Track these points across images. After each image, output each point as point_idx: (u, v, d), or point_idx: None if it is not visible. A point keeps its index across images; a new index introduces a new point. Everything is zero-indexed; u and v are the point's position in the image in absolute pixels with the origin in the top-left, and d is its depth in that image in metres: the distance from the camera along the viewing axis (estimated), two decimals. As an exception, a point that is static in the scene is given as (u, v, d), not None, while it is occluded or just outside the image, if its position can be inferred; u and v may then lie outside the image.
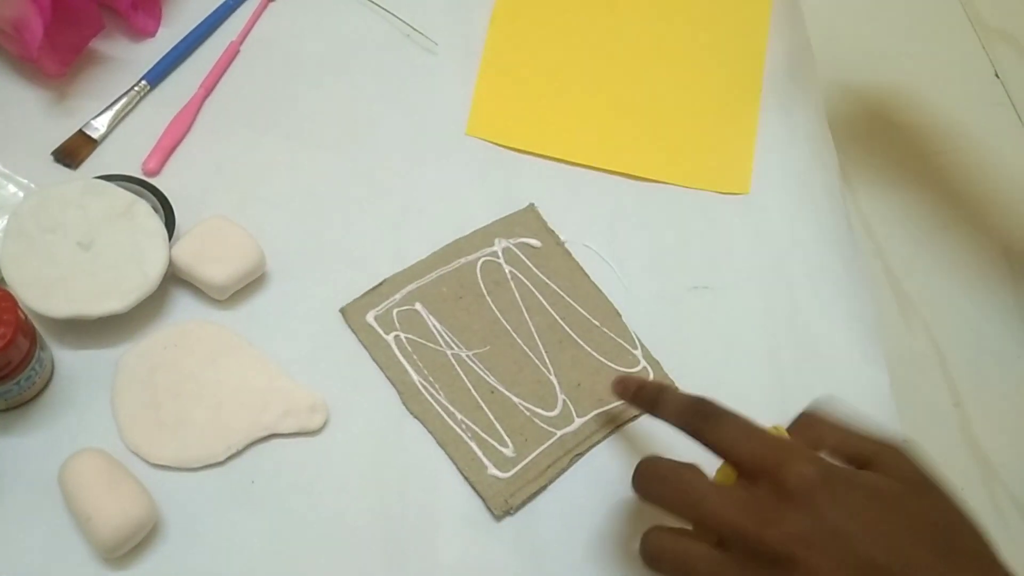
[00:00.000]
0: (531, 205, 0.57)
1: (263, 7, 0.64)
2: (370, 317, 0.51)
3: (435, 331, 0.51)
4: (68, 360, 0.49)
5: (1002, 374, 0.56)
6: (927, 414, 0.54)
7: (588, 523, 0.47)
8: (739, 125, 0.61)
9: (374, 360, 0.50)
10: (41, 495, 0.44)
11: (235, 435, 0.47)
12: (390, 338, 0.51)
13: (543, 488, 0.48)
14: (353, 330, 0.51)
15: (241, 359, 0.49)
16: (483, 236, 0.55)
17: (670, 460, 0.41)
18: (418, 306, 0.52)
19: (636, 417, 0.50)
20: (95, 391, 0.48)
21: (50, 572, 0.43)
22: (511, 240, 0.55)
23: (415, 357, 0.51)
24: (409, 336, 0.51)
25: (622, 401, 0.48)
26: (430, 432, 0.49)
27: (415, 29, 0.64)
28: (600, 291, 0.54)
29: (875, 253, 0.73)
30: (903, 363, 0.55)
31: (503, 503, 0.47)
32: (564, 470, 0.48)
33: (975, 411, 0.54)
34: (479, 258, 0.54)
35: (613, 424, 0.50)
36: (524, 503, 0.47)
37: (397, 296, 0.52)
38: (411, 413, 0.49)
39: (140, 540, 0.43)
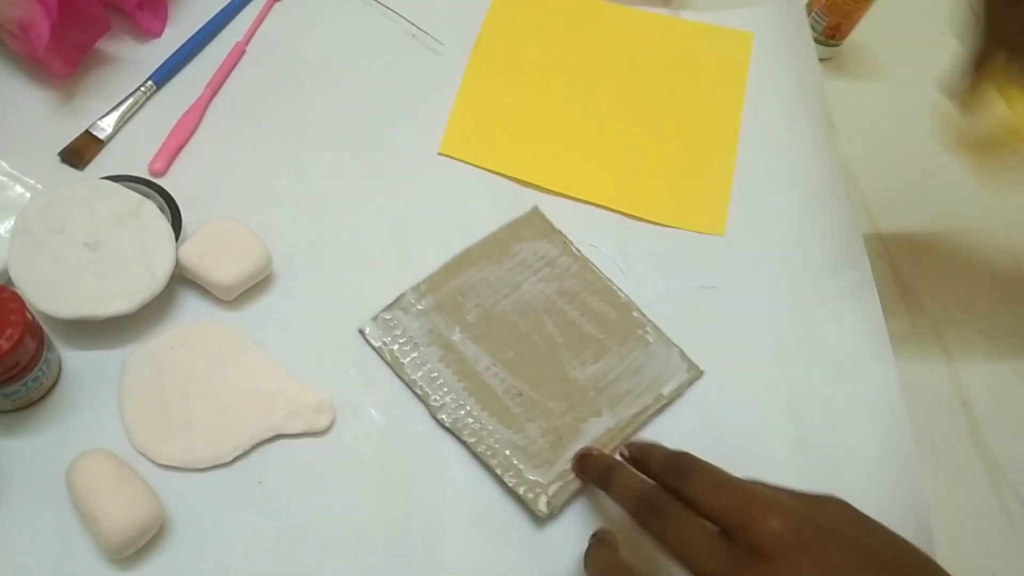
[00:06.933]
0: (535, 208, 0.57)
1: (269, 7, 0.64)
2: (389, 338, 0.51)
3: (458, 342, 0.51)
4: (75, 361, 0.49)
5: (1010, 374, 0.55)
6: (935, 414, 0.53)
7: (597, 522, 0.47)
8: (716, 165, 0.60)
9: (399, 377, 0.50)
10: (48, 495, 0.44)
11: (242, 436, 0.47)
12: (414, 355, 0.51)
13: (584, 485, 0.47)
14: (376, 351, 0.51)
15: (247, 360, 0.49)
16: (492, 243, 0.55)
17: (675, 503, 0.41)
18: (438, 320, 0.52)
19: (665, 408, 0.50)
20: (102, 392, 0.48)
21: (57, 573, 0.43)
22: (520, 244, 0.55)
23: (441, 369, 0.50)
24: (431, 350, 0.51)
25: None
26: (464, 444, 0.48)
27: (421, 29, 0.64)
28: (613, 286, 0.54)
29: (882, 253, 0.73)
30: (911, 363, 0.55)
31: (546, 503, 0.46)
32: None
33: (983, 411, 0.54)
34: (492, 265, 0.54)
35: (644, 415, 0.50)
36: (568, 501, 0.47)
37: (415, 310, 0.52)
38: (441, 426, 0.49)
39: (147, 541, 0.43)
